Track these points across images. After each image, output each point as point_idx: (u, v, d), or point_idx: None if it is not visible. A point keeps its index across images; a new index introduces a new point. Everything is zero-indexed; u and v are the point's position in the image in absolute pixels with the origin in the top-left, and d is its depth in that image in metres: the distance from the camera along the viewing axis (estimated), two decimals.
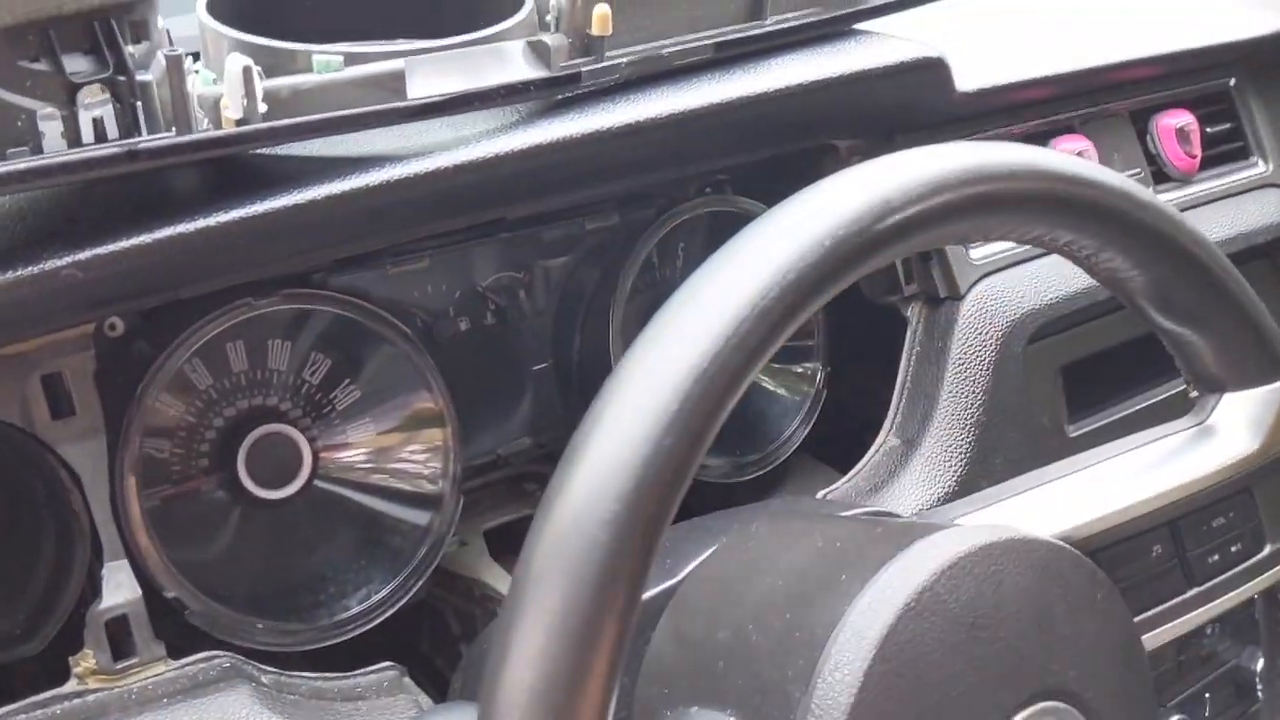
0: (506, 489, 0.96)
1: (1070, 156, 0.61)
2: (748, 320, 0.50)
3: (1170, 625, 0.71)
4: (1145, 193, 0.63)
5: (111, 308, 0.68)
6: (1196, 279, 0.65)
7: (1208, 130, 1.11)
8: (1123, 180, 0.62)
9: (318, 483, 0.82)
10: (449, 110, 0.71)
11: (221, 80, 0.67)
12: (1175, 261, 0.64)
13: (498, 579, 0.88)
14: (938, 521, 0.70)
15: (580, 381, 0.92)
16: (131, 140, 0.62)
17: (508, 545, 0.92)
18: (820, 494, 0.93)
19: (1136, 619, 0.66)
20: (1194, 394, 0.71)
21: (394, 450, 0.83)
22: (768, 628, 0.61)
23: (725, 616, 0.64)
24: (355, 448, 0.83)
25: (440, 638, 0.92)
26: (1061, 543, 0.63)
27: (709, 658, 0.62)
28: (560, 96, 0.77)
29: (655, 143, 0.77)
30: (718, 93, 0.79)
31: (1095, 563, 0.62)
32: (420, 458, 0.83)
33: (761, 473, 0.98)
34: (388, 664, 0.76)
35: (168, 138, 0.63)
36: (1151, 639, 0.70)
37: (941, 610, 0.58)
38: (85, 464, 0.70)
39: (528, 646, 0.46)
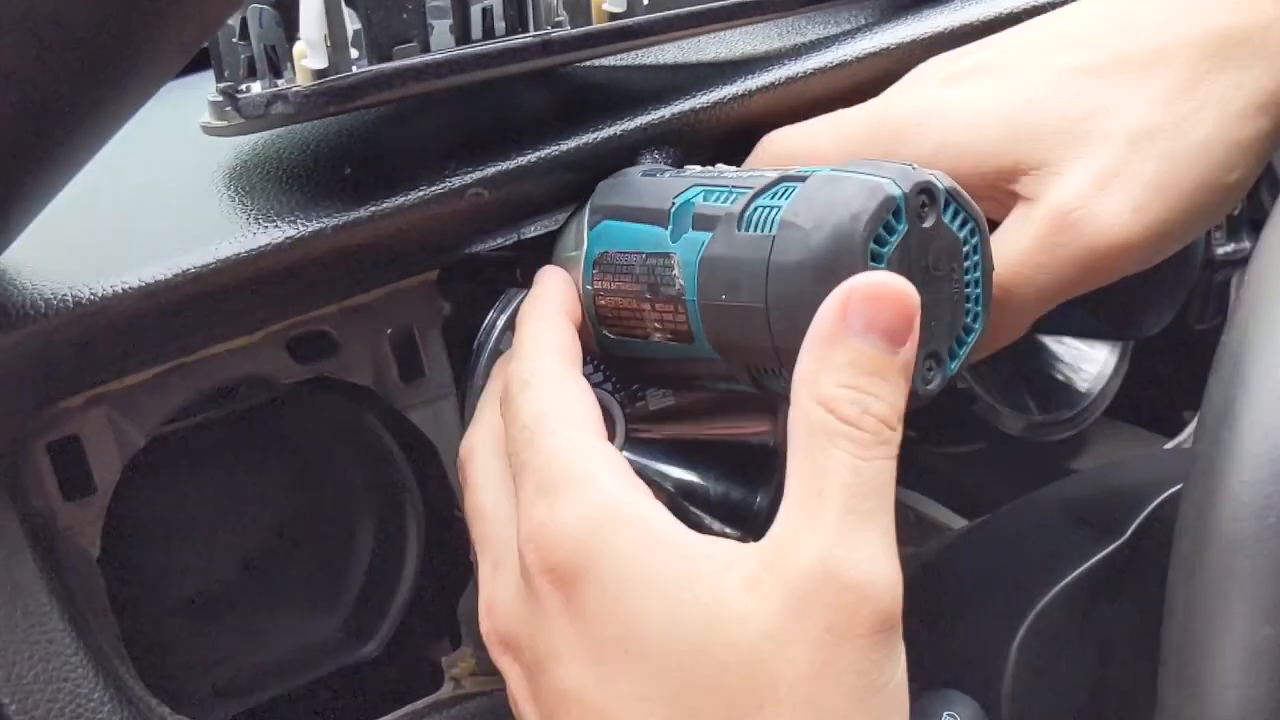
0: None
1: None
2: None
3: None
4: None
5: (480, 241, 0.57)
6: None
7: None
8: None
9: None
10: None
11: None
12: None
13: None
14: None
15: None
16: (542, 31, 0.52)
17: None
18: (1168, 445, 0.84)
19: None
20: None
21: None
22: None
23: None
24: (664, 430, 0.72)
25: None
26: None
27: None
28: None
29: None
30: None
31: None
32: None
33: (1074, 433, 0.88)
34: None
35: (565, 30, 0.53)
36: None
37: None
38: (440, 433, 0.60)
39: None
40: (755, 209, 0.46)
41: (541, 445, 0.44)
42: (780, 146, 0.54)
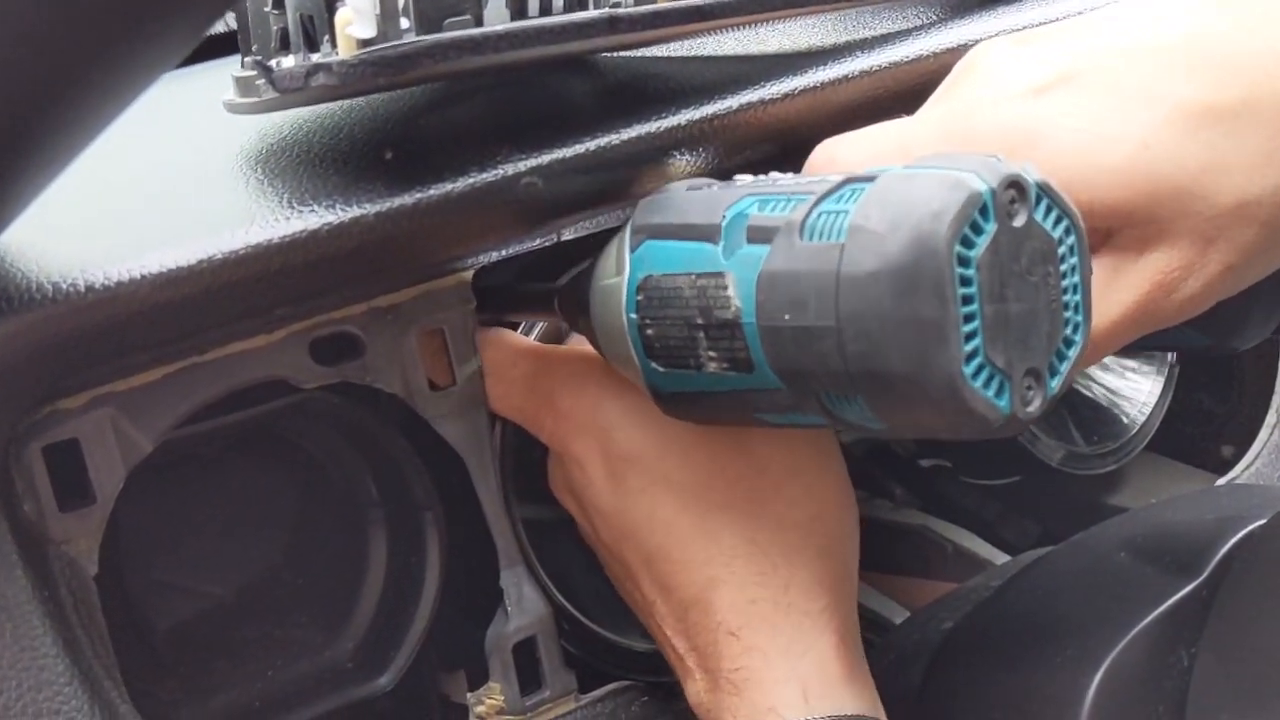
0: None
1: None
2: None
3: None
4: None
5: (521, 240, 0.52)
6: None
7: None
8: None
9: None
10: None
11: None
12: None
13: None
14: None
15: None
16: (609, 8, 0.48)
17: None
18: (1219, 482, 0.80)
19: None
20: None
21: None
22: None
23: None
24: None
25: None
26: None
27: None
28: None
29: None
30: None
31: None
32: None
33: (1116, 466, 0.84)
34: None
35: (631, 7, 0.49)
36: None
37: None
38: (470, 446, 0.55)
39: None
40: (819, 215, 0.41)
41: None
42: (837, 155, 0.48)
